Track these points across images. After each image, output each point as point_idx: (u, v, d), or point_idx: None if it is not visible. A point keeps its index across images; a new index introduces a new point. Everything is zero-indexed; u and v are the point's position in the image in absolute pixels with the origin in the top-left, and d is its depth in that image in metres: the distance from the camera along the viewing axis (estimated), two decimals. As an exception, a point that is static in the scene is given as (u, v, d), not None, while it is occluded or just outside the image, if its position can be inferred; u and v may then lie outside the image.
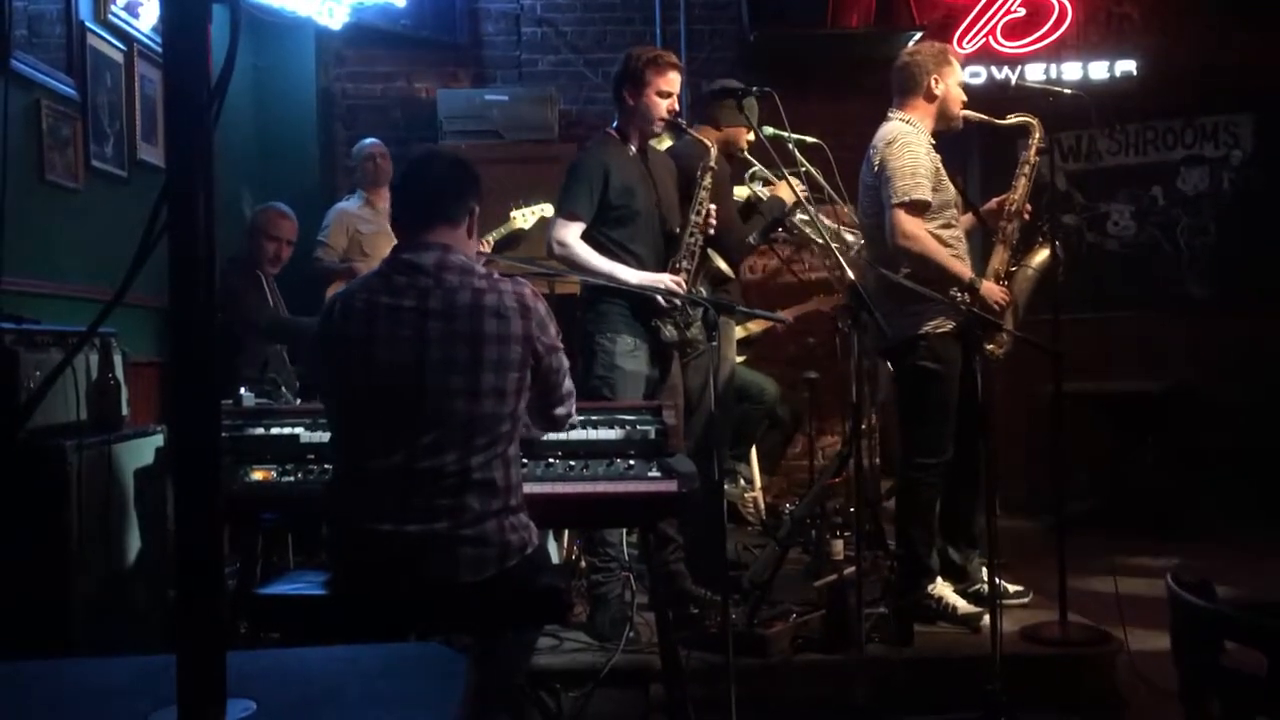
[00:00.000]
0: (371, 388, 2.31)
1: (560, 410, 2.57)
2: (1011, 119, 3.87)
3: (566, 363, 2.52)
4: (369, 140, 5.49)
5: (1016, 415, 5.13)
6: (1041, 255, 3.91)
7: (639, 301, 3.56)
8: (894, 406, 4.05)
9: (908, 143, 3.64)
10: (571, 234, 3.55)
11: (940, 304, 3.52)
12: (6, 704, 1.05)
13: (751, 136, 4.09)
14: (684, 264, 3.63)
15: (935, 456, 3.66)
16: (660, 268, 3.62)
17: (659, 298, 3.52)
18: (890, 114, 3.80)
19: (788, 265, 5.80)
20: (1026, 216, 3.90)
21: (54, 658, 1.18)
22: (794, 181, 3.82)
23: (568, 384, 2.55)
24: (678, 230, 3.69)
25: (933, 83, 3.73)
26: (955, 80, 3.78)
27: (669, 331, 3.58)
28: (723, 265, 3.79)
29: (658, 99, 3.59)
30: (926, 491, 3.70)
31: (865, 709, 2.96)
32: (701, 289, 3.73)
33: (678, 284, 3.54)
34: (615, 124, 3.73)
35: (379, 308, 2.33)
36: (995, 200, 3.94)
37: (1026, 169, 3.89)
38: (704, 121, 4.06)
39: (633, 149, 3.69)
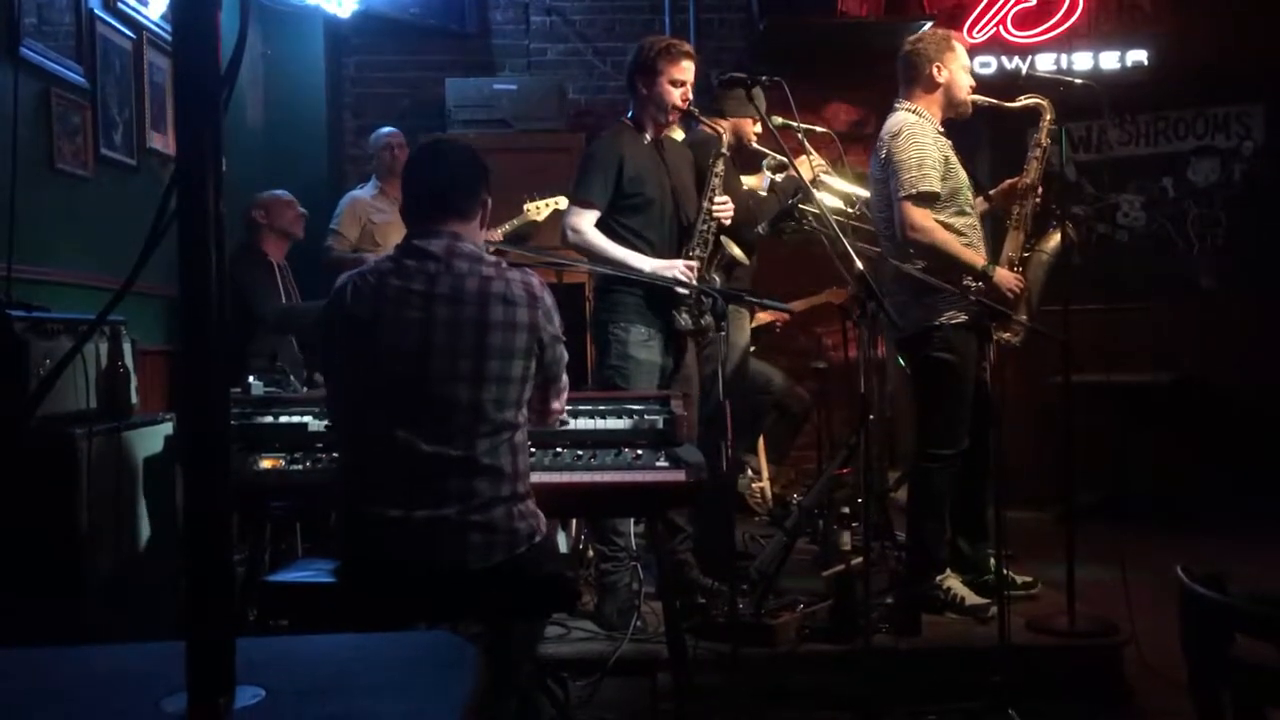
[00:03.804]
0: (377, 370, 2.31)
1: (555, 404, 2.56)
2: (1021, 101, 3.85)
3: (566, 356, 2.52)
4: (386, 129, 5.37)
5: (1025, 406, 5.11)
6: (1055, 240, 3.89)
7: (653, 290, 3.55)
8: (903, 397, 4.05)
9: (913, 134, 3.62)
10: (585, 221, 3.56)
11: (954, 295, 3.51)
12: (17, 690, 1.05)
13: (759, 127, 4.07)
14: (697, 251, 3.63)
15: (950, 447, 3.65)
16: (674, 255, 3.62)
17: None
18: (897, 104, 3.78)
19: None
20: (1038, 200, 3.89)
21: (64, 644, 1.19)
22: (808, 160, 3.78)
23: (564, 378, 2.54)
24: (692, 218, 3.69)
25: (935, 71, 3.71)
26: (960, 66, 3.75)
27: (684, 319, 3.58)
28: (737, 253, 3.78)
29: (671, 88, 3.59)
30: (941, 482, 3.68)
31: (871, 699, 2.96)
32: (715, 277, 3.73)
33: (690, 270, 3.53)
34: (630, 113, 3.74)
35: (387, 290, 2.33)
36: (1007, 183, 3.92)
37: (1038, 152, 3.86)
38: (712, 113, 4.04)
39: (647, 138, 3.69)
